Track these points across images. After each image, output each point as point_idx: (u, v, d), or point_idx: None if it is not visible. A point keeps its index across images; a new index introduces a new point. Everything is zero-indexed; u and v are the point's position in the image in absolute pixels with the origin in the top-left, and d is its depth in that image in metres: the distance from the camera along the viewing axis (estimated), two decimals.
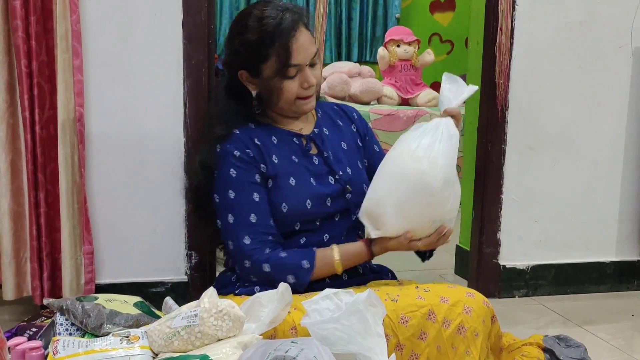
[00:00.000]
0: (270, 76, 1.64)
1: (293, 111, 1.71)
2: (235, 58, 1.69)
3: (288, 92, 1.65)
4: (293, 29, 1.61)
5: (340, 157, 1.76)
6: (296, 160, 1.70)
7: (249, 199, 1.63)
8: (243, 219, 1.62)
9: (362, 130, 1.86)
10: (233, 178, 1.64)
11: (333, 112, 1.86)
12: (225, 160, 1.65)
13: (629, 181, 2.74)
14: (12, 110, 2.14)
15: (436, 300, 1.50)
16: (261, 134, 1.70)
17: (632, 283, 2.80)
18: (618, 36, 2.65)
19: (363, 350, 1.26)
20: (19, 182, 2.17)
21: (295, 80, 1.65)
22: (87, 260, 2.22)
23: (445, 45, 6.41)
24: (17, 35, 2.06)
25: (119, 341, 1.39)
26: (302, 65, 1.63)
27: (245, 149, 1.65)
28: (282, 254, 1.61)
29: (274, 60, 1.62)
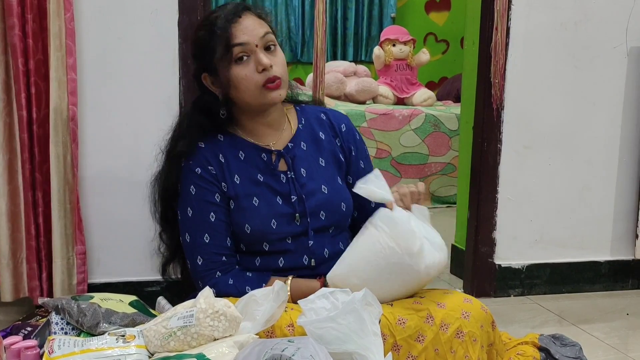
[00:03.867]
0: (223, 67, 1.58)
1: (263, 104, 1.62)
2: (195, 63, 1.69)
3: (244, 79, 1.57)
4: (235, 14, 1.58)
5: (315, 175, 1.68)
6: (261, 179, 1.65)
7: (205, 219, 1.61)
8: (198, 238, 1.61)
9: (347, 145, 1.75)
10: (192, 196, 1.62)
11: (317, 123, 1.75)
12: (187, 177, 1.63)
13: (624, 180, 2.75)
14: (9, 109, 2.13)
15: (433, 305, 1.49)
16: (228, 148, 1.66)
17: (626, 282, 2.80)
18: (613, 36, 2.66)
19: (359, 349, 1.27)
20: (16, 182, 2.16)
21: (248, 64, 1.57)
22: (79, 261, 2.22)
23: (441, 45, 6.42)
24: (13, 33, 2.06)
25: (114, 340, 1.39)
26: (248, 45, 1.56)
27: (208, 166, 1.63)
28: (230, 280, 1.60)
29: (219, 48, 1.57)
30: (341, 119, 1.79)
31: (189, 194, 1.63)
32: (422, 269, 1.49)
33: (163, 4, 2.27)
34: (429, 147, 4.34)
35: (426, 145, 4.34)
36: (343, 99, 4.63)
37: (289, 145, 1.69)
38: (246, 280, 1.60)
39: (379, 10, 6.41)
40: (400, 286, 1.52)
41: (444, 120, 4.39)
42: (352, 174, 1.75)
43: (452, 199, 4.26)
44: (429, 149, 4.34)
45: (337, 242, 1.68)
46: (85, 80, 2.22)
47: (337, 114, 1.80)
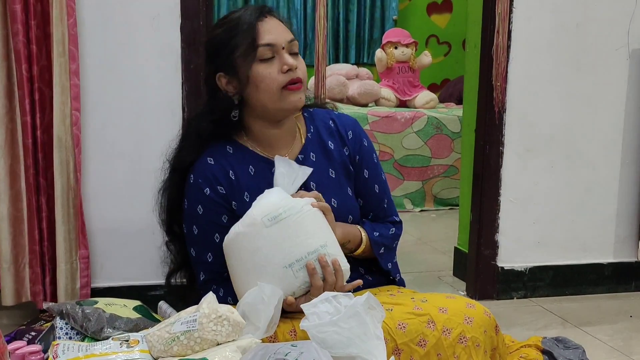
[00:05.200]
0: (244, 65, 1.53)
1: (281, 108, 1.56)
2: (209, 62, 1.62)
3: (267, 78, 1.52)
4: (261, 13, 1.55)
5: (325, 188, 1.63)
6: None
7: (210, 239, 1.59)
8: (202, 255, 1.61)
9: (354, 153, 1.69)
10: (199, 215, 1.59)
11: (326, 131, 1.69)
12: (194, 195, 1.59)
13: (627, 183, 2.75)
14: (11, 115, 2.14)
15: (434, 310, 1.47)
16: (238, 163, 1.61)
17: (630, 284, 2.80)
18: (615, 38, 2.66)
19: (362, 353, 1.27)
20: (18, 187, 2.17)
21: (273, 64, 1.53)
22: (82, 265, 2.22)
23: (443, 47, 6.42)
24: (17, 39, 2.07)
25: (118, 345, 1.39)
26: (275, 46, 1.52)
27: (217, 185, 1.58)
28: (221, 291, 1.61)
29: (243, 46, 1.52)
30: (348, 125, 1.72)
31: (195, 212, 1.60)
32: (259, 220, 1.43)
33: (165, 9, 2.27)
34: (432, 150, 4.34)
35: (428, 147, 4.34)
36: (345, 101, 4.64)
37: (299, 158, 1.64)
38: (231, 291, 1.59)
39: (380, 13, 6.42)
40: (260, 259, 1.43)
41: (446, 123, 4.39)
42: (356, 182, 1.70)
43: (454, 202, 4.26)
44: (431, 152, 4.34)
45: None
46: (88, 85, 2.23)
47: (344, 120, 1.73)
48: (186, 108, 2.31)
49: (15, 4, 2.05)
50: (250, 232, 1.43)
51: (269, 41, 1.52)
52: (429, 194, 4.38)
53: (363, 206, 1.71)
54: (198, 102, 2.32)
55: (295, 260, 1.41)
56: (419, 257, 3.18)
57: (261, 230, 1.42)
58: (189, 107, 2.31)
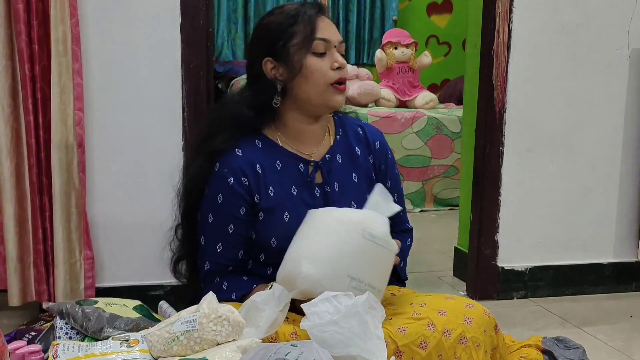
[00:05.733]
0: (297, 53, 1.54)
1: (325, 105, 1.58)
2: (258, 47, 1.60)
3: (318, 71, 1.54)
4: (319, 10, 1.58)
5: (347, 191, 1.65)
6: (295, 192, 1.61)
7: (223, 230, 1.59)
8: (211, 245, 1.60)
9: (379, 162, 1.72)
10: (217, 204, 1.58)
11: (354, 136, 1.71)
12: (217, 184, 1.58)
13: (627, 182, 2.75)
14: (16, 114, 2.14)
15: (433, 313, 1.47)
16: (266, 156, 1.60)
17: (630, 284, 2.80)
18: (614, 38, 2.66)
19: (363, 353, 1.27)
20: (23, 187, 2.17)
21: (324, 60, 1.55)
22: (87, 265, 2.22)
23: (443, 47, 6.42)
24: (20, 39, 2.07)
25: (118, 345, 1.39)
26: (330, 42, 1.56)
27: (242, 176, 1.57)
28: (224, 285, 1.60)
29: (300, 35, 1.54)
30: (376, 135, 1.75)
31: (214, 201, 1.59)
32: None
33: (165, 8, 2.27)
34: (432, 150, 4.34)
35: (428, 147, 4.34)
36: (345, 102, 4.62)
37: (326, 157, 1.65)
38: (235, 284, 1.59)
39: (380, 13, 6.42)
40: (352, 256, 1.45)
41: (446, 123, 4.39)
42: None
43: (454, 202, 4.26)
44: (431, 152, 4.34)
45: None
46: (88, 85, 2.23)
47: (372, 130, 1.76)
48: (186, 107, 2.31)
49: (17, 3, 2.05)
50: (351, 229, 1.46)
51: (325, 36, 1.55)
52: (429, 194, 4.38)
53: None
54: (198, 102, 2.32)
55: (359, 279, 1.43)
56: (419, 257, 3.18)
57: (358, 236, 1.45)
58: (189, 107, 2.31)
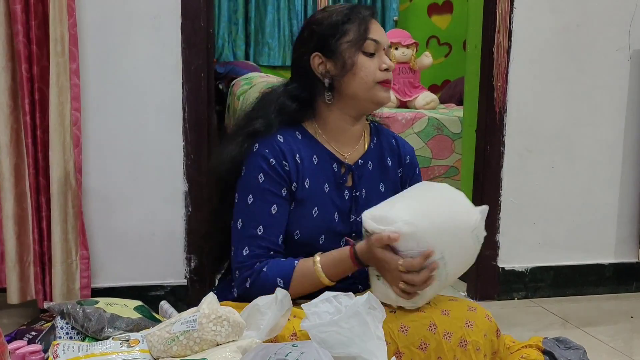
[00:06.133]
0: (347, 50, 1.57)
1: (371, 101, 1.60)
2: (308, 41, 1.62)
3: (366, 69, 1.57)
4: (372, 13, 1.61)
5: (373, 199, 1.62)
6: (327, 190, 1.61)
7: (265, 210, 1.54)
8: (250, 228, 1.54)
9: (407, 177, 1.73)
10: (258, 184, 1.54)
11: (387, 147, 1.73)
12: (258, 163, 1.55)
13: (627, 183, 2.75)
14: (16, 114, 2.14)
15: (437, 312, 1.47)
16: (305, 148, 1.60)
17: (630, 285, 2.80)
18: (615, 39, 2.66)
19: (363, 353, 1.26)
20: (23, 186, 2.17)
21: (373, 60, 1.58)
22: (82, 265, 2.22)
23: (444, 48, 6.41)
24: (18, 40, 2.07)
25: (119, 345, 1.39)
26: (380, 44, 1.59)
27: (283, 160, 1.56)
28: (265, 268, 1.52)
29: (352, 33, 1.57)
30: (408, 150, 1.76)
31: (254, 181, 1.55)
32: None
33: (166, 9, 2.28)
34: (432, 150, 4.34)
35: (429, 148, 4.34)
36: None
37: (359, 162, 1.66)
38: (278, 267, 1.51)
39: (381, 14, 6.43)
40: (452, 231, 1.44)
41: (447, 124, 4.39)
42: None
43: None
44: (432, 152, 4.34)
45: None
46: (88, 85, 2.23)
47: (405, 144, 1.77)
48: (187, 108, 2.31)
49: (15, 4, 2.05)
50: (465, 218, 1.46)
51: (376, 38, 1.58)
52: None
53: None
54: (198, 103, 2.32)
55: (445, 263, 1.43)
56: None
57: (468, 227, 1.45)
58: (190, 107, 2.32)
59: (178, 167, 2.34)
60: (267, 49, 6.29)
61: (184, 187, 2.35)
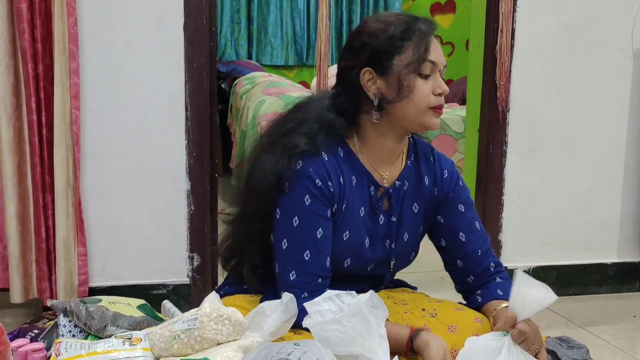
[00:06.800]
0: (402, 71, 1.45)
1: (421, 125, 1.49)
2: (359, 53, 1.49)
3: (420, 93, 1.45)
4: (432, 29, 1.49)
5: (405, 220, 1.58)
6: (362, 214, 1.53)
7: (311, 234, 1.46)
8: (297, 252, 1.46)
9: (446, 191, 1.62)
10: (304, 206, 1.46)
11: (425, 164, 1.62)
12: (303, 183, 1.46)
13: (630, 182, 2.74)
14: (18, 113, 2.15)
15: (443, 329, 1.45)
16: (347, 169, 1.51)
17: (633, 284, 2.80)
18: (618, 38, 2.66)
19: (365, 352, 1.26)
20: (25, 185, 2.18)
21: (428, 82, 1.47)
22: (80, 262, 2.23)
23: (446, 48, 6.41)
24: (23, 38, 2.07)
25: (121, 343, 1.39)
26: (437, 66, 1.48)
27: (328, 181, 1.47)
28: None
29: (410, 52, 1.44)
30: (446, 164, 1.65)
31: (301, 202, 1.46)
32: None
33: (168, 8, 2.28)
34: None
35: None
36: None
37: (396, 184, 1.57)
38: None
39: None
40: None
41: (450, 123, 4.38)
42: (446, 215, 1.62)
43: None
44: None
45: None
46: (89, 84, 2.24)
47: (443, 158, 1.67)
48: (189, 107, 2.32)
49: (20, 3, 2.05)
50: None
51: (435, 59, 1.47)
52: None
53: (464, 243, 1.60)
54: (201, 101, 2.32)
55: None
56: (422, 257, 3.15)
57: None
58: (192, 106, 2.32)
59: (180, 166, 2.34)
60: (269, 48, 6.29)
61: (186, 186, 2.35)
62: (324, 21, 2.43)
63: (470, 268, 1.59)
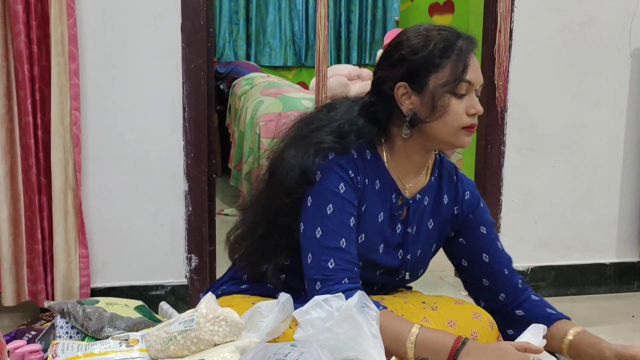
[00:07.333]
0: (437, 90, 1.42)
1: (451, 144, 1.48)
2: (396, 67, 1.47)
3: (455, 113, 1.42)
4: (473, 47, 1.45)
5: (420, 235, 1.57)
6: (380, 219, 1.52)
7: (346, 222, 1.44)
8: (333, 240, 1.42)
9: (466, 211, 1.61)
10: (339, 193, 1.44)
11: (447, 183, 1.61)
12: (337, 172, 1.45)
13: (629, 182, 2.74)
14: (10, 115, 2.14)
15: (443, 324, 1.45)
16: (372, 172, 1.51)
17: (632, 284, 2.79)
18: (616, 38, 2.65)
19: (360, 355, 1.25)
20: (16, 187, 2.17)
21: (462, 102, 1.43)
22: (82, 264, 2.22)
23: None
24: (19, 39, 2.07)
25: (118, 344, 1.39)
26: (473, 85, 1.44)
27: (357, 176, 1.47)
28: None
29: (447, 71, 1.41)
30: (467, 185, 1.65)
31: (335, 189, 1.44)
32: None
33: (166, 8, 2.27)
34: None
35: None
36: None
37: (417, 197, 1.56)
38: None
39: (382, 14, 6.42)
40: None
41: None
42: (468, 237, 1.63)
43: None
44: None
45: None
46: (88, 85, 2.23)
47: (465, 179, 1.65)
48: (187, 107, 2.31)
49: (16, 4, 2.05)
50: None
51: (471, 79, 1.43)
52: None
53: (487, 263, 1.60)
54: (198, 102, 2.32)
55: None
56: None
57: None
58: (190, 107, 2.31)
59: (178, 167, 2.34)
60: (268, 49, 6.29)
61: (184, 187, 2.35)
62: (323, 21, 2.43)
63: (499, 286, 1.59)
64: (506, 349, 1.30)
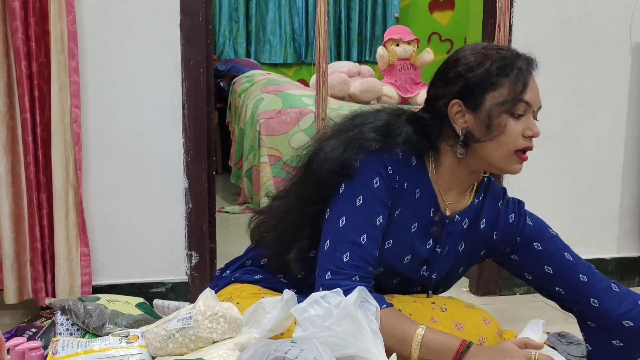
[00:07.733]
0: (494, 109, 1.38)
1: (501, 169, 1.45)
2: (452, 84, 1.43)
3: (511, 134, 1.38)
4: (533, 66, 1.43)
5: (448, 256, 1.54)
6: (413, 230, 1.48)
7: (372, 218, 1.40)
8: (353, 233, 1.39)
9: (511, 237, 1.58)
10: (371, 188, 1.40)
11: (490, 207, 1.57)
12: (375, 165, 1.41)
13: (629, 178, 2.74)
14: (11, 112, 2.14)
15: (450, 326, 1.43)
16: (414, 178, 1.46)
17: (633, 279, 2.79)
18: (617, 33, 2.65)
19: (360, 352, 1.25)
20: (18, 185, 2.17)
21: (519, 123, 1.39)
22: (83, 262, 2.22)
23: (445, 44, 6.41)
24: (17, 36, 2.07)
25: (118, 341, 1.39)
26: (531, 107, 1.40)
27: (397, 175, 1.43)
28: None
29: (505, 90, 1.38)
30: (513, 208, 1.61)
31: (369, 182, 1.40)
32: None
33: (165, 6, 2.27)
34: None
35: None
36: (347, 99, 4.63)
37: (456, 218, 1.52)
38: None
39: (382, 11, 6.42)
40: None
41: None
42: (523, 257, 1.60)
43: None
44: None
45: None
46: (87, 82, 2.23)
47: (511, 203, 1.61)
48: (186, 105, 2.31)
49: (14, 1, 2.05)
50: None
51: (530, 100, 1.40)
52: None
53: (552, 275, 1.59)
54: (198, 99, 2.32)
55: None
56: None
57: None
58: (189, 104, 2.31)
59: (178, 164, 2.34)
60: (268, 46, 6.29)
61: (184, 184, 2.35)
62: (323, 18, 2.42)
63: (583, 292, 1.59)
64: (507, 347, 1.30)
